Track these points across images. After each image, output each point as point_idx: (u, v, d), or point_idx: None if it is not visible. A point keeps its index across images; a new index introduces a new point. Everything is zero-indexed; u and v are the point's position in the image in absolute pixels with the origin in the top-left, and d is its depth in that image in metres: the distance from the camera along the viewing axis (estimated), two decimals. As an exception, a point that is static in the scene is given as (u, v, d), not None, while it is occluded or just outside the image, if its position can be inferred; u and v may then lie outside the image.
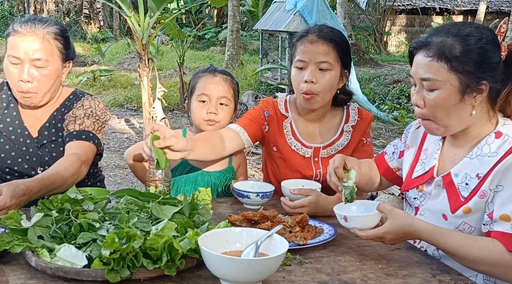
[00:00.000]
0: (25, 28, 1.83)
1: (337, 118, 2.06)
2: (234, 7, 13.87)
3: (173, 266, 1.23)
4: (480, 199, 1.42)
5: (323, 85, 1.91)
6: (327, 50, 1.89)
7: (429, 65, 1.44)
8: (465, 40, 1.42)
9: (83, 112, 1.91)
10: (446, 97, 1.43)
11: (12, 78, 1.84)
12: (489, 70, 1.43)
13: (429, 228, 1.41)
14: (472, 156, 1.48)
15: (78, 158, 1.78)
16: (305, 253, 1.46)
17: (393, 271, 1.38)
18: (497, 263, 1.34)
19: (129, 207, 1.43)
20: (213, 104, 1.99)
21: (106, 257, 1.18)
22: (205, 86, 2.00)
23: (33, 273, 1.25)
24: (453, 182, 1.50)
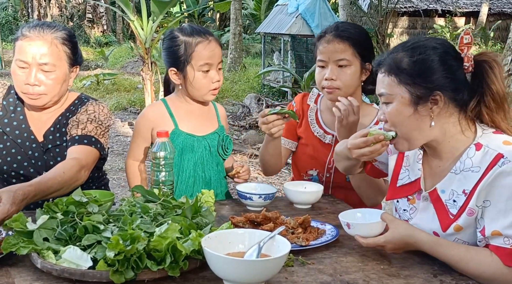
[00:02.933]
0: (34, 32, 1.84)
1: (368, 117, 2.07)
2: (237, 10, 13.91)
3: (177, 267, 1.24)
4: (469, 217, 1.42)
5: (343, 81, 1.96)
6: (343, 48, 1.94)
7: (382, 80, 1.49)
8: (414, 53, 1.44)
9: (86, 117, 1.92)
10: (398, 110, 1.45)
11: (19, 82, 1.85)
12: (441, 80, 1.43)
13: (430, 239, 1.42)
14: (456, 171, 1.46)
15: (77, 163, 1.77)
16: (308, 254, 1.47)
17: (395, 271, 1.39)
18: (495, 278, 1.34)
19: (132, 209, 1.44)
20: (216, 71, 1.95)
21: (110, 258, 1.20)
22: (206, 55, 1.91)
23: (38, 275, 1.27)
24: (441, 198, 1.49)
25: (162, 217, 1.43)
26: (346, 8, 15.14)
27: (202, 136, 1.98)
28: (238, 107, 8.86)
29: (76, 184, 1.73)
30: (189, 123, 1.98)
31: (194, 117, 2.00)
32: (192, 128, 1.98)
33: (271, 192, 1.84)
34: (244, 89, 10.79)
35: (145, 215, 1.42)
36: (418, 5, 19.56)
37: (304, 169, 2.12)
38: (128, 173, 2.02)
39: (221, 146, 1.98)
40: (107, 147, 1.98)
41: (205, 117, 2.03)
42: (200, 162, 1.97)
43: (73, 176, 1.72)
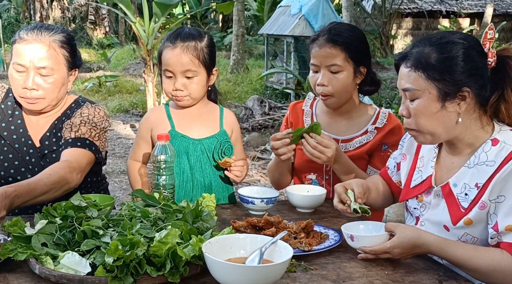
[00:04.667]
0: (31, 35, 1.81)
1: (365, 118, 2.05)
2: (239, 11, 13.89)
3: (177, 273, 1.22)
4: (481, 210, 1.40)
5: (335, 87, 1.93)
6: (334, 53, 1.91)
7: (408, 75, 1.46)
8: (442, 48, 1.43)
9: (80, 119, 1.89)
10: (426, 106, 1.44)
11: (16, 86, 1.83)
12: (470, 76, 1.42)
13: (437, 240, 1.40)
14: (470, 165, 1.46)
15: (67, 165, 1.74)
16: (310, 259, 1.44)
17: (399, 277, 1.36)
18: (507, 274, 1.33)
19: (132, 214, 1.42)
20: (178, 80, 1.88)
21: (109, 264, 1.18)
22: (167, 61, 1.89)
23: (36, 281, 1.25)
24: (452, 192, 1.48)
25: (163, 221, 1.40)
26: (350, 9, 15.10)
27: (198, 140, 1.94)
28: (241, 109, 8.84)
29: (67, 187, 1.70)
30: (185, 125, 1.95)
31: (191, 120, 1.97)
32: (188, 130, 1.95)
33: (273, 195, 1.82)
34: (247, 91, 10.77)
35: (145, 220, 1.40)
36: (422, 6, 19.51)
37: (303, 173, 2.09)
38: (129, 173, 2.01)
39: (217, 151, 1.94)
40: (104, 150, 1.95)
41: (203, 120, 1.99)
42: (199, 166, 1.93)
43: (60, 178, 1.68)
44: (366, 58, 1.98)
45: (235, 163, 1.90)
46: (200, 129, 1.96)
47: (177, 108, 1.99)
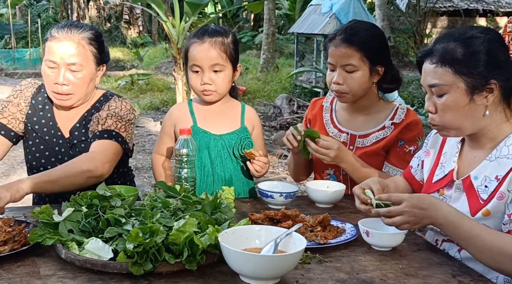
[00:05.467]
0: (62, 33, 1.91)
1: (384, 114, 2.07)
2: (270, 10, 13.91)
3: (194, 261, 1.27)
4: (499, 201, 1.41)
5: (350, 86, 1.97)
6: (349, 53, 1.93)
7: (434, 71, 1.47)
8: (466, 43, 1.45)
9: (107, 113, 1.96)
10: (455, 100, 1.45)
11: (48, 81, 1.92)
12: (495, 69, 1.44)
13: (451, 207, 1.43)
14: (491, 158, 1.47)
15: (90, 156, 1.82)
16: (326, 252, 1.47)
17: (413, 271, 1.38)
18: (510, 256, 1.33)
19: (153, 204, 1.48)
20: (206, 74, 1.95)
21: (130, 250, 1.24)
22: (194, 56, 1.94)
23: (62, 265, 1.32)
24: (473, 185, 1.49)
25: (182, 212, 1.46)
26: (383, 7, 14.95)
27: (219, 135, 2.00)
28: (269, 108, 8.87)
29: (89, 174, 1.77)
30: (207, 121, 2.01)
31: (212, 116, 2.03)
32: (209, 126, 2.00)
33: (292, 190, 1.85)
34: (276, 90, 10.80)
35: (165, 210, 1.45)
36: (459, 5, 19.14)
37: (321, 169, 2.12)
38: (154, 166, 2.08)
39: (237, 146, 1.99)
40: (131, 142, 2.02)
41: (225, 116, 2.04)
42: (219, 160, 1.99)
43: (82, 166, 1.76)
44: (383, 57, 1.99)
45: (259, 157, 1.94)
46: (221, 125, 2.01)
47: (200, 104, 2.04)
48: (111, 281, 1.24)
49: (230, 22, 24.90)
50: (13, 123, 2.02)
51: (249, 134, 2.03)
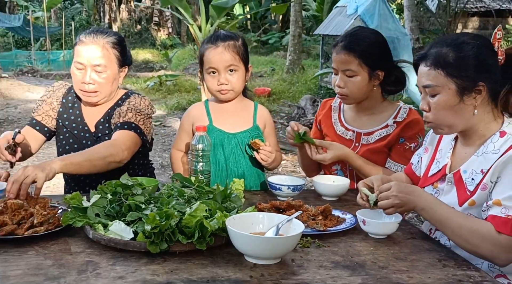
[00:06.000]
0: (89, 38, 2.12)
1: (387, 113, 2.21)
2: (297, 12, 14.04)
3: (204, 242, 1.44)
4: (483, 191, 1.55)
5: (351, 89, 2.12)
6: (348, 59, 2.09)
7: (428, 73, 1.61)
8: (458, 48, 1.58)
9: (127, 107, 2.16)
10: (446, 100, 1.58)
11: (76, 81, 2.14)
12: (484, 72, 1.56)
13: (432, 196, 1.60)
14: (479, 153, 1.61)
15: (113, 142, 2.01)
16: (325, 238, 1.62)
17: (403, 256, 1.51)
18: (485, 239, 1.47)
19: (170, 193, 1.66)
20: (222, 75, 2.12)
21: (148, 231, 1.41)
22: (210, 59, 2.12)
23: (90, 244, 1.50)
24: (462, 178, 1.62)
25: (195, 200, 1.63)
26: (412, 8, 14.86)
27: (233, 134, 2.17)
28: (294, 108, 9.01)
29: (111, 159, 1.96)
30: (222, 120, 2.19)
31: (227, 115, 2.20)
32: (224, 125, 2.18)
33: (299, 183, 2.00)
34: (301, 91, 10.92)
35: (180, 198, 1.62)
36: (490, 5, 18.85)
37: (329, 164, 2.26)
38: (172, 161, 2.26)
39: (249, 144, 2.15)
40: (150, 134, 2.21)
41: (238, 116, 2.21)
42: (233, 157, 2.16)
43: (103, 150, 1.95)
44: (383, 63, 2.13)
45: (264, 147, 2.10)
46: (234, 124, 2.18)
47: (216, 104, 2.22)
48: (131, 258, 1.41)
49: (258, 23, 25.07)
50: (46, 120, 2.24)
51: (260, 133, 2.20)
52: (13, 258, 1.40)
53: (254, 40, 24.27)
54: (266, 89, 10.90)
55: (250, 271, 1.36)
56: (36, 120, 2.24)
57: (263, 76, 14.24)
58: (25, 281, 1.27)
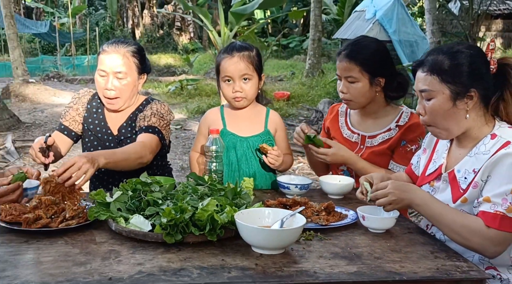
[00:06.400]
0: (111, 48, 2.31)
1: (390, 117, 2.35)
2: (316, 16, 14.14)
3: (214, 234, 1.58)
4: (474, 189, 1.66)
5: (353, 94, 2.26)
6: (349, 67, 2.23)
7: (424, 79, 1.73)
8: (452, 56, 1.70)
9: (151, 112, 2.33)
10: (440, 104, 1.70)
11: (100, 87, 2.32)
12: (476, 80, 1.68)
13: (425, 192, 1.72)
14: (471, 154, 1.72)
15: (142, 144, 2.18)
16: (327, 232, 1.75)
17: (398, 248, 1.64)
18: (475, 232, 1.59)
19: (185, 190, 1.81)
20: (237, 83, 2.27)
21: (164, 224, 1.56)
22: (226, 68, 2.27)
23: (113, 235, 1.66)
24: (456, 177, 1.74)
25: (208, 196, 1.78)
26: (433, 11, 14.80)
27: (245, 137, 2.33)
28: (312, 112, 9.12)
29: (140, 160, 2.12)
30: (235, 125, 2.35)
31: (240, 120, 2.35)
32: (237, 129, 2.34)
33: (306, 183, 2.14)
34: (320, 94, 11.03)
35: (194, 194, 1.78)
36: (514, 7, 18.69)
37: (336, 165, 2.40)
38: (190, 161, 2.43)
39: (258, 149, 2.31)
40: (168, 138, 2.39)
41: (250, 121, 2.36)
42: (244, 159, 2.31)
43: (137, 151, 2.13)
44: (384, 70, 2.26)
45: (271, 151, 2.24)
46: (247, 129, 2.34)
47: (230, 109, 2.38)
48: (149, 248, 1.57)
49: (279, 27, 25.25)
50: (73, 125, 2.43)
51: (271, 137, 2.35)
52: (45, 246, 1.57)
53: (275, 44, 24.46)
54: (285, 93, 11.04)
55: (256, 260, 1.51)
56: (64, 125, 2.43)
57: (283, 80, 14.38)
58: (55, 266, 1.43)
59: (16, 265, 1.43)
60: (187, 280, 1.37)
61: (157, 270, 1.42)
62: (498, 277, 1.69)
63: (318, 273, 1.44)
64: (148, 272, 1.41)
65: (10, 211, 1.72)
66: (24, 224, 1.66)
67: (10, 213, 1.71)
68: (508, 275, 1.68)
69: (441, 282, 1.46)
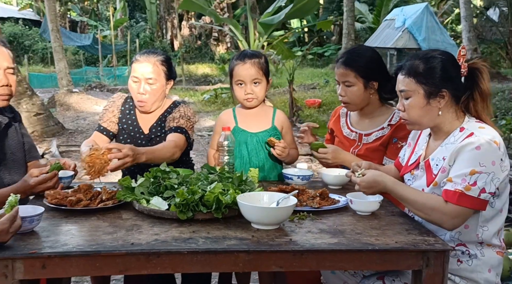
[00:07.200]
0: (142, 57, 2.66)
1: (383, 117, 2.62)
2: (349, 25, 14.35)
3: (220, 212, 1.88)
4: (442, 174, 1.91)
5: (349, 97, 2.54)
6: (346, 73, 2.52)
7: (403, 80, 1.99)
8: (427, 61, 1.95)
9: (179, 114, 2.67)
10: (416, 102, 1.96)
11: (133, 92, 2.67)
12: (447, 81, 1.93)
13: (393, 179, 1.96)
14: (443, 145, 1.97)
15: (174, 143, 2.51)
16: (320, 214, 2.02)
17: (378, 226, 1.90)
18: (435, 209, 1.83)
19: (198, 177, 2.13)
20: (248, 86, 2.57)
21: (178, 203, 1.88)
22: (239, 73, 2.58)
23: (136, 213, 1.99)
24: (430, 165, 1.99)
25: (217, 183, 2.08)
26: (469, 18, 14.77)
27: (254, 133, 2.63)
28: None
29: (172, 157, 2.45)
30: (246, 122, 2.65)
31: (250, 118, 2.66)
32: (247, 126, 2.64)
33: (308, 174, 2.42)
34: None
35: (205, 181, 2.09)
36: (555, 14, 18.28)
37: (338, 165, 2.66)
38: (208, 156, 2.74)
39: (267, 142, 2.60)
40: (192, 137, 2.71)
41: (259, 119, 2.66)
42: (254, 152, 2.61)
43: (170, 149, 2.46)
44: (376, 75, 2.53)
45: (278, 143, 2.53)
46: (256, 125, 2.64)
47: (241, 109, 2.68)
48: (165, 223, 1.88)
49: (315, 35, 25.50)
50: (110, 125, 2.78)
51: (278, 133, 2.64)
52: (81, 221, 1.91)
53: (310, 52, 24.70)
54: (317, 101, 11.28)
55: (253, 233, 1.80)
56: (103, 126, 2.79)
57: (316, 88, 14.61)
58: (88, 234, 1.77)
59: (58, 233, 1.77)
60: (194, 246, 1.67)
61: (170, 238, 1.73)
62: (467, 252, 1.92)
63: (303, 243, 1.72)
64: (162, 240, 1.72)
65: (55, 196, 2.06)
66: (68, 205, 2.00)
67: (55, 197, 2.06)
68: (476, 251, 1.91)
69: (408, 252, 1.71)
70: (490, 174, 1.81)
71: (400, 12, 10.38)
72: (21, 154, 2.47)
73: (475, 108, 1.97)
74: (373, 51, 2.61)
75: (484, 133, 1.86)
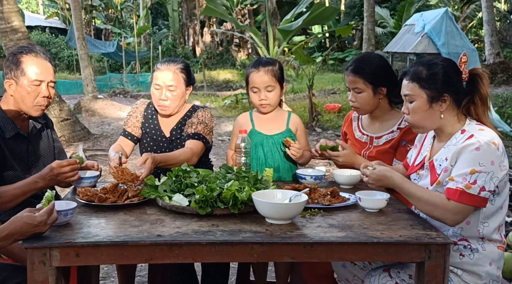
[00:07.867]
0: (163, 66, 2.83)
1: (393, 121, 2.74)
2: (369, 30, 14.41)
3: (236, 208, 2.03)
4: (445, 173, 2.03)
5: (359, 102, 2.68)
6: (355, 80, 2.66)
7: (407, 85, 2.12)
8: (430, 67, 2.08)
9: (197, 120, 2.83)
10: (419, 106, 2.08)
11: (155, 98, 2.85)
12: (449, 86, 2.05)
13: (401, 176, 2.10)
14: (445, 146, 2.10)
15: (190, 150, 2.68)
16: (330, 211, 2.15)
17: (384, 222, 2.02)
18: (437, 205, 1.95)
19: (216, 176, 2.29)
20: (262, 93, 2.73)
21: (198, 199, 2.04)
22: (253, 80, 2.73)
23: (159, 209, 2.15)
24: (434, 165, 2.11)
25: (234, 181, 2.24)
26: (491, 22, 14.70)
27: (270, 135, 2.78)
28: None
29: (188, 163, 2.60)
30: (262, 125, 2.80)
31: (266, 121, 2.81)
32: (263, 129, 2.79)
33: (320, 174, 2.56)
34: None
35: (223, 179, 2.25)
36: None
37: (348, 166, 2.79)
38: (226, 157, 2.90)
39: (283, 142, 2.75)
40: (211, 140, 2.87)
41: (275, 122, 2.81)
42: (270, 154, 2.75)
43: (186, 158, 2.63)
44: (384, 81, 2.65)
45: (293, 144, 2.68)
46: (272, 128, 2.79)
47: (257, 113, 2.84)
48: (186, 218, 2.04)
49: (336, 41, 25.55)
50: (135, 130, 2.96)
51: (293, 135, 2.79)
52: (110, 215, 2.08)
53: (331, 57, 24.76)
54: (337, 106, 11.37)
55: (267, 227, 1.94)
56: (128, 131, 2.97)
57: (336, 93, 14.70)
58: (116, 227, 1.94)
59: (89, 226, 1.95)
60: (212, 238, 1.83)
61: (190, 231, 1.89)
62: (469, 247, 2.04)
63: (313, 236, 1.86)
64: (183, 232, 1.88)
65: (86, 193, 2.25)
66: (97, 201, 2.18)
67: (85, 194, 2.24)
68: (477, 245, 2.03)
69: (411, 245, 1.84)
70: (490, 173, 1.92)
71: (420, 17, 10.43)
72: (51, 158, 2.66)
73: (475, 112, 2.09)
74: (381, 58, 2.74)
75: (484, 135, 1.98)
